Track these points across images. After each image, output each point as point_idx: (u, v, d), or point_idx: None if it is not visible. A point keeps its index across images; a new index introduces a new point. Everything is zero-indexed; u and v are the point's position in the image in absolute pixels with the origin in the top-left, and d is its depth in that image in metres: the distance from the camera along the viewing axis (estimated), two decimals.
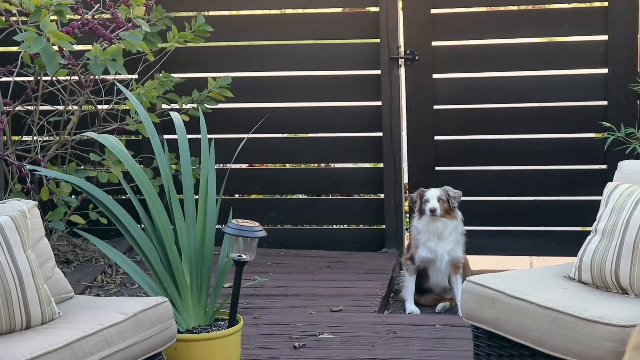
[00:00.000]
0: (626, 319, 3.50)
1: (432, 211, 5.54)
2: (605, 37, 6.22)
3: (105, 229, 6.26)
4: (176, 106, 6.20)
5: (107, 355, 3.60)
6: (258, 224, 4.27)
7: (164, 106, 6.39)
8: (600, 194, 4.18)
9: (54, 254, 4.18)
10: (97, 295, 5.70)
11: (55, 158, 6.17)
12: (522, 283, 4.01)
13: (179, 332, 4.15)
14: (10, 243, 3.66)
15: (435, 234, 5.61)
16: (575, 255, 4.11)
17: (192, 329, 4.34)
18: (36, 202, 4.10)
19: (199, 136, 4.65)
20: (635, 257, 3.82)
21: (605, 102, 6.27)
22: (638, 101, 6.14)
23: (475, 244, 6.25)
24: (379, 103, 6.55)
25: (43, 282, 3.75)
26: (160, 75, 6.14)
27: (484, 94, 6.49)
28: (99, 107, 6.16)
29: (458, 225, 5.67)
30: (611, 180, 4.26)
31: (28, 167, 5.41)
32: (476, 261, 6.21)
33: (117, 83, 4.80)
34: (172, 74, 6.17)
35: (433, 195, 5.58)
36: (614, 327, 3.49)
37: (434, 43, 6.44)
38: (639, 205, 3.89)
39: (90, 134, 4.55)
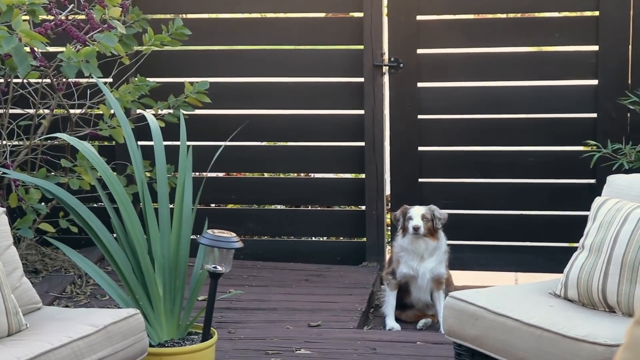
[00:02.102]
0: (613, 338, 3.51)
1: (416, 229, 5.53)
2: (596, 48, 6.26)
3: (75, 238, 6.24)
4: (152, 111, 6.20)
5: None
6: (234, 235, 4.27)
7: (140, 111, 6.38)
8: (589, 209, 4.20)
9: (22, 263, 4.17)
10: (66, 306, 5.69)
11: (25, 164, 6.16)
12: (506, 299, 4.02)
13: (150, 345, 4.14)
14: None
15: (418, 254, 5.62)
16: (562, 271, 4.13)
17: (164, 342, 4.32)
18: (4, 209, 4.09)
19: (173, 143, 4.65)
20: (623, 274, 3.84)
21: (594, 115, 6.31)
22: (628, 114, 6.18)
23: (459, 259, 6.27)
24: (362, 112, 6.58)
25: (10, 292, 3.74)
26: (136, 79, 6.14)
27: (471, 104, 6.52)
28: (72, 111, 6.14)
29: (441, 245, 5.68)
30: (600, 195, 4.29)
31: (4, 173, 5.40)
32: (460, 276, 6.23)
33: (98, 81, 4.79)
34: (147, 78, 6.17)
35: (417, 212, 5.58)
36: (600, 346, 3.50)
37: (419, 51, 6.47)
38: (627, 220, 3.91)
39: (62, 136, 4.54)
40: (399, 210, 5.69)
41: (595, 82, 6.30)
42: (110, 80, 6.32)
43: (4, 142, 6.00)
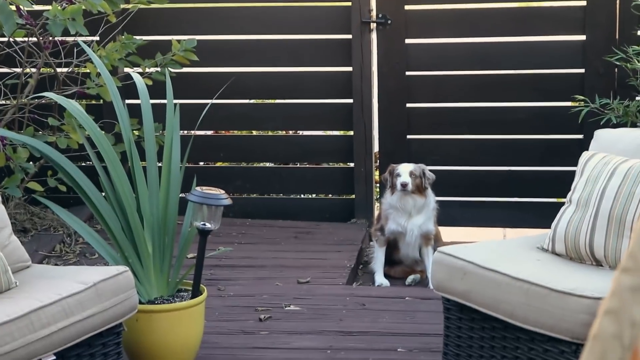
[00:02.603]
0: (600, 291, 3.53)
1: (404, 186, 5.53)
2: (584, 2, 6.25)
3: (64, 197, 6.23)
4: (139, 70, 6.17)
5: (65, 325, 3.60)
6: (223, 192, 4.27)
7: (127, 69, 6.35)
8: (577, 164, 4.21)
9: (11, 222, 4.16)
10: (56, 265, 5.69)
11: (12, 122, 6.14)
12: (494, 254, 4.04)
13: (140, 302, 4.15)
14: None
15: (406, 211, 5.63)
16: (550, 226, 4.14)
17: (154, 299, 4.34)
18: None
19: (161, 101, 4.64)
20: (610, 228, 3.86)
21: (582, 70, 6.31)
22: (616, 70, 6.17)
23: (448, 215, 6.28)
24: (350, 69, 6.56)
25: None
26: (123, 37, 6.11)
27: (458, 60, 6.51)
28: (59, 70, 6.12)
29: (429, 202, 5.69)
30: (587, 150, 4.29)
31: None
32: (448, 232, 6.25)
33: (81, 42, 4.77)
34: (134, 36, 6.13)
35: (405, 169, 5.58)
36: (587, 299, 3.52)
37: (407, 7, 6.45)
38: (614, 175, 3.92)
39: (49, 95, 4.53)
40: (387, 171, 5.70)
41: (583, 37, 6.29)
42: (97, 38, 6.29)
43: None
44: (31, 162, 5.94)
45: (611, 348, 1.60)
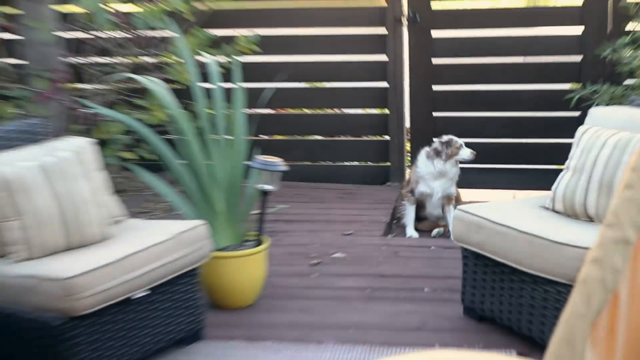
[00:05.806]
0: (592, 243, 3.48)
1: (475, 155, 5.55)
2: (580, 2, 6.20)
3: (151, 164, 6.28)
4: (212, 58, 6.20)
5: (156, 267, 3.65)
6: (281, 160, 4.32)
7: (200, 58, 6.37)
8: (574, 137, 4.19)
9: (110, 185, 4.21)
10: (149, 219, 5.74)
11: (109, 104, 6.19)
12: (504, 211, 4.03)
13: (214, 250, 4.22)
14: (71, 173, 3.72)
15: (443, 174, 5.61)
16: (551, 189, 4.14)
17: (224, 247, 4.39)
18: (96, 140, 4.14)
19: (228, 85, 4.67)
20: (601, 191, 3.85)
21: (579, 58, 6.27)
22: (607, 58, 6.11)
23: (466, 179, 6.26)
24: (385, 58, 6.56)
25: (102, 206, 3.80)
26: (195, 31, 6.14)
27: (476, 50, 6.48)
28: (145, 59, 6.16)
29: (458, 170, 5.70)
30: (583, 125, 4.27)
31: (93, 109, 5.43)
32: (467, 194, 6.24)
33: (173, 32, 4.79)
34: (206, 30, 6.16)
35: (462, 144, 5.59)
36: (581, 249, 3.52)
37: (433, 6, 6.43)
38: (605, 146, 3.90)
39: (138, 78, 4.57)
40: (445, 140, 5.60)
41: (580, 29, 6.25)
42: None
43: (93, 87, 6.04)
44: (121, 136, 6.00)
45: (596, 290, 1.62)
